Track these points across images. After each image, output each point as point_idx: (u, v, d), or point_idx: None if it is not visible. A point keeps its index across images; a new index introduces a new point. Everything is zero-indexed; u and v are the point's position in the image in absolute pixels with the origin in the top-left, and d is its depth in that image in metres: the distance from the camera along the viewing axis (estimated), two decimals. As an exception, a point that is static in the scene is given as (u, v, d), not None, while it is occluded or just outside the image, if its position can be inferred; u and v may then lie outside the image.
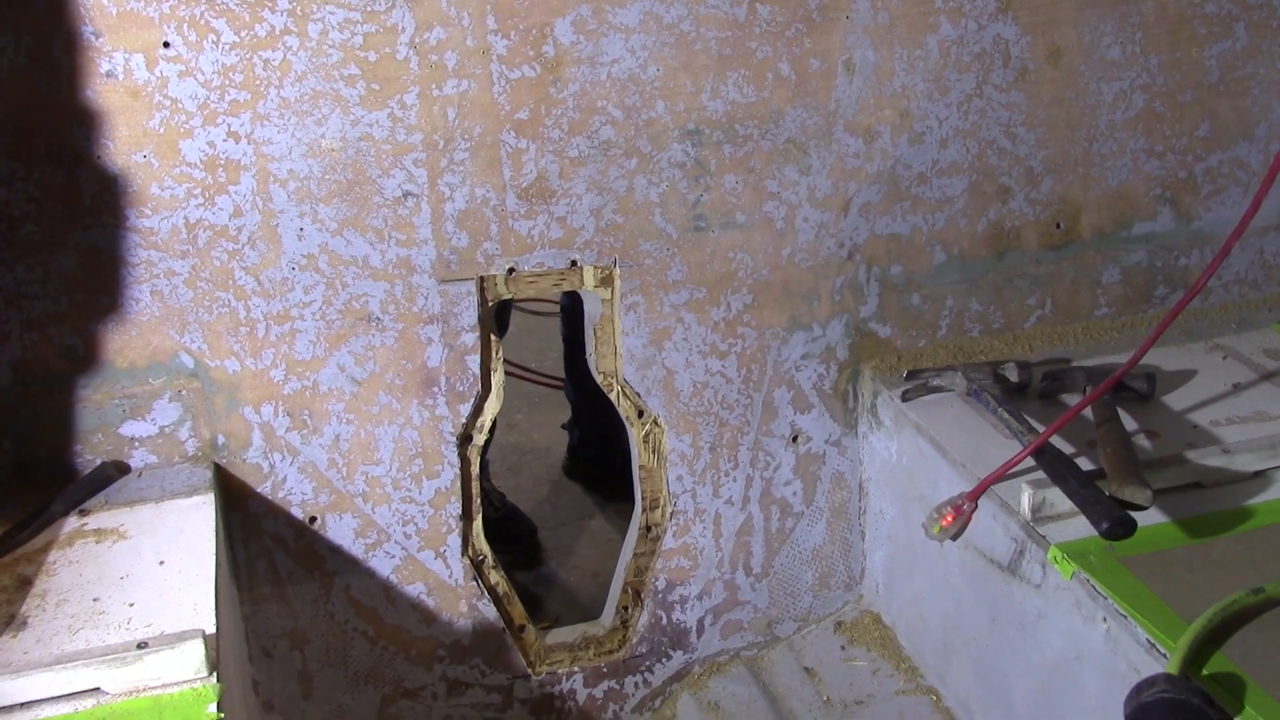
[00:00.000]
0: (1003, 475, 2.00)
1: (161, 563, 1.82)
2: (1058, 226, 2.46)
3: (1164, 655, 1.67)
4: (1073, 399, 2.28)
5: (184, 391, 2.04)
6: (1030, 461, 2.00)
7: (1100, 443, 2.03)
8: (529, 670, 2.34)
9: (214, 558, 1.83)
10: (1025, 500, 1.95)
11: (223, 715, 1.55)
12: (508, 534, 3.27)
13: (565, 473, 3.66)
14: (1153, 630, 1.71)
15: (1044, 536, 1.92)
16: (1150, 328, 2.53)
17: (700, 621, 2.43)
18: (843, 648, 2.43)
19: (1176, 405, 2.26)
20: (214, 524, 1.92)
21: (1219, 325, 2.56)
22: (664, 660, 2.42)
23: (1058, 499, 1.94)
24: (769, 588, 2.46)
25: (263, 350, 2.06)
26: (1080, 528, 1.90)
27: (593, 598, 3.14)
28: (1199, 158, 2.51)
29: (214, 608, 1.72)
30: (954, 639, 2.20)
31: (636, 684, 2.41)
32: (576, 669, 2.37)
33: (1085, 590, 1.82)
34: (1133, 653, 1.73)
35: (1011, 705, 2.04)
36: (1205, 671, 1.65)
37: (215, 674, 1.60)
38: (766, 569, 2.44)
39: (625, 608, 2.39)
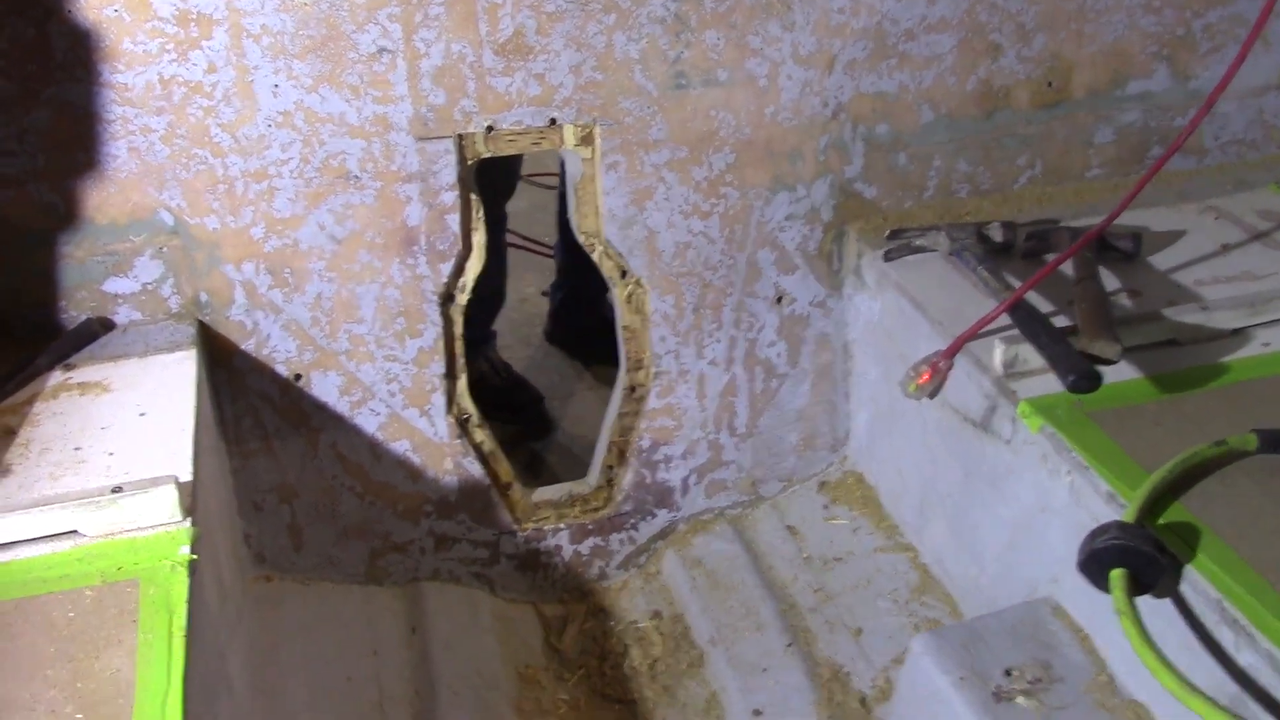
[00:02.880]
0: (977, 332, 2.00)
1: (142, 414, 1.86)
2: (1049, 85, 2.42)
3: (1123, 506, 1.69)
4: (1054, 258, 2.26)
5: (165, 249, 2.06)
6: (1006, 319, 2.00)
7: (1075, 299, 2.02)
8: (515, 526, 2.38)
9: (194, 410, 1.87)
10: (997, 356, 1.95)
11: (195, 557, 1.60)
12: (514, 403, 3.31)
13: (547, 337, 3.68)
14: (1113, 481, 1.72)
15: (1014, 392, 1.93)
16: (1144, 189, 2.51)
17: (685, 481, 2.46)
18: (825, 507, 2.46)
19: (1162, 265, 2.25)
20: (195, 379, 1.95)
21: (1215, 187, 2.52)
22: (649, 518, 2.46)
23: (1030, 355, 1.95)
24: (753, 448, 2.48)
25: (242, 208, 2.07)
26: (1051, 384, 1.90)
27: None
28: (1197, 13, 2.45)
29: (191, 457, 1.76)
30: (930, 496, 2.23)
31: (622, 541, 2.46)
32: (562, 525, 2.41)
33: (1051, 444, 1.84)
34: (1094, 504, 1.75)
35: (982, 559, 2.07)
36: (1162, 521, 1.66)
37: (189, 518, 1.65)
38: (751, 429, 2.47)
39: (610, 466, 2.42)
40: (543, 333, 3.74)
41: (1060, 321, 2.00)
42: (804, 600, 2.28)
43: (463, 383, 2.29)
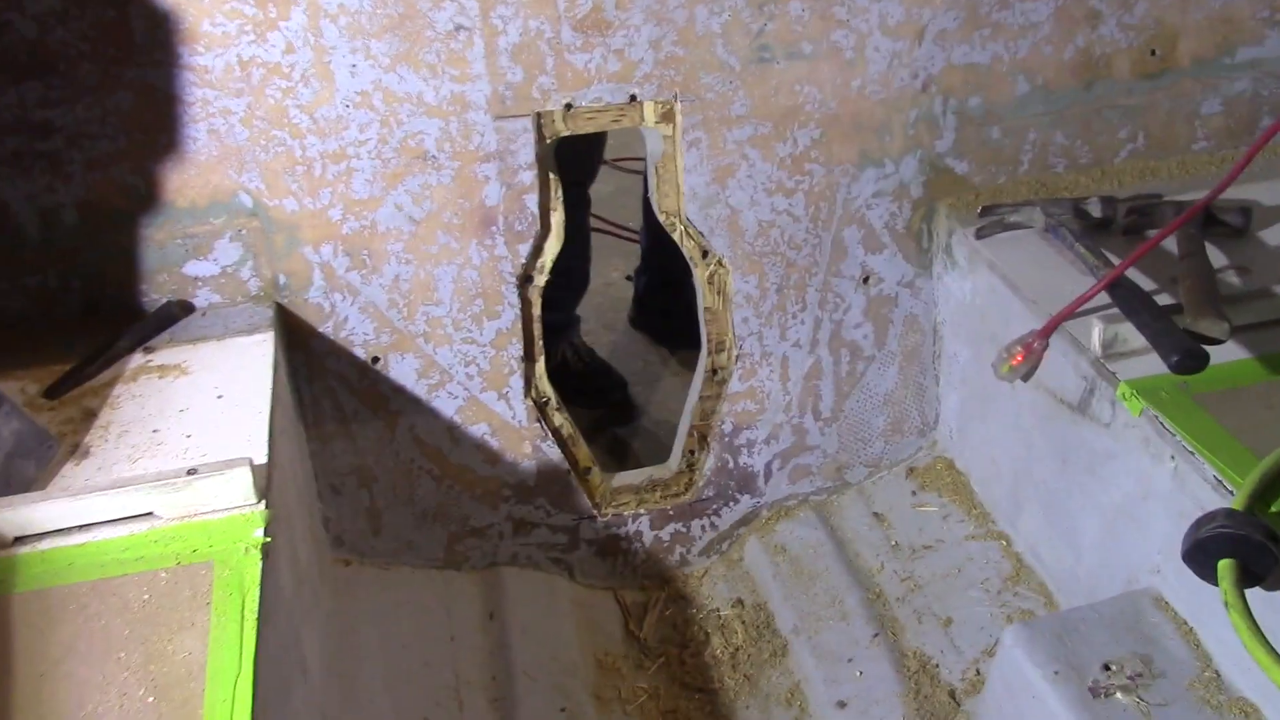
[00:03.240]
0: (1074, 311, 1.91)
1: (220, 397, 1.85)
2: (1153, 53, 2.31)
3: (1231, 493, 1.60)
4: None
5: (244, 231, 2.05)
6: (1105, 298, 1.91)
7: (1180, 276, 1.92)
8: (595, 512, 2.34)
9: (270, 393, 1.86)
10: (1096, 336, 1.87)
11: (269, 539, 1.58)
12: (598, 388, 3.28)
13: (631, 323, 3.64)
14: (1220, 467, 1.63)
15: (1114, 374, 1.84)
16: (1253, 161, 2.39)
17: (768, 466, 2.40)
18: (914, 493, 2.39)
19: (1272, 241, 2.13)
20: (272, 361, 1.94)
21: (1332, 158, 2.39)
22: (731, 504, 2.41)
23: (1130, 334, 1.86)
24: (838, 433, 2.41)
25: (320, 189, 2.05)
26: (1153, 364, 1.81)
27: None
28: (1312, -24, 2.33)
29: (266, 440, 1.75)
30: (1024, 482, 2.14)
31: (703, 527, 2.41)
32: (642, 511, 2.37)
33: (1154, 427, 1.75)
34: (1200, 491, 1.66)
35: (1079, 548, 1.99)
36: (1274, 509, 1.57)
37: (264, 501, 1.64)
38: (836, 413, 2.40)
39: (691, 451, 2.37)
40: (627, 318, 3.70)
41: (1163, 300, 1.90)
42: (891, 589, 2.21)
43: (541, 365, 2.25)
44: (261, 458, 1.71)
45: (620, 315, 3.76)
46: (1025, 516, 2.16)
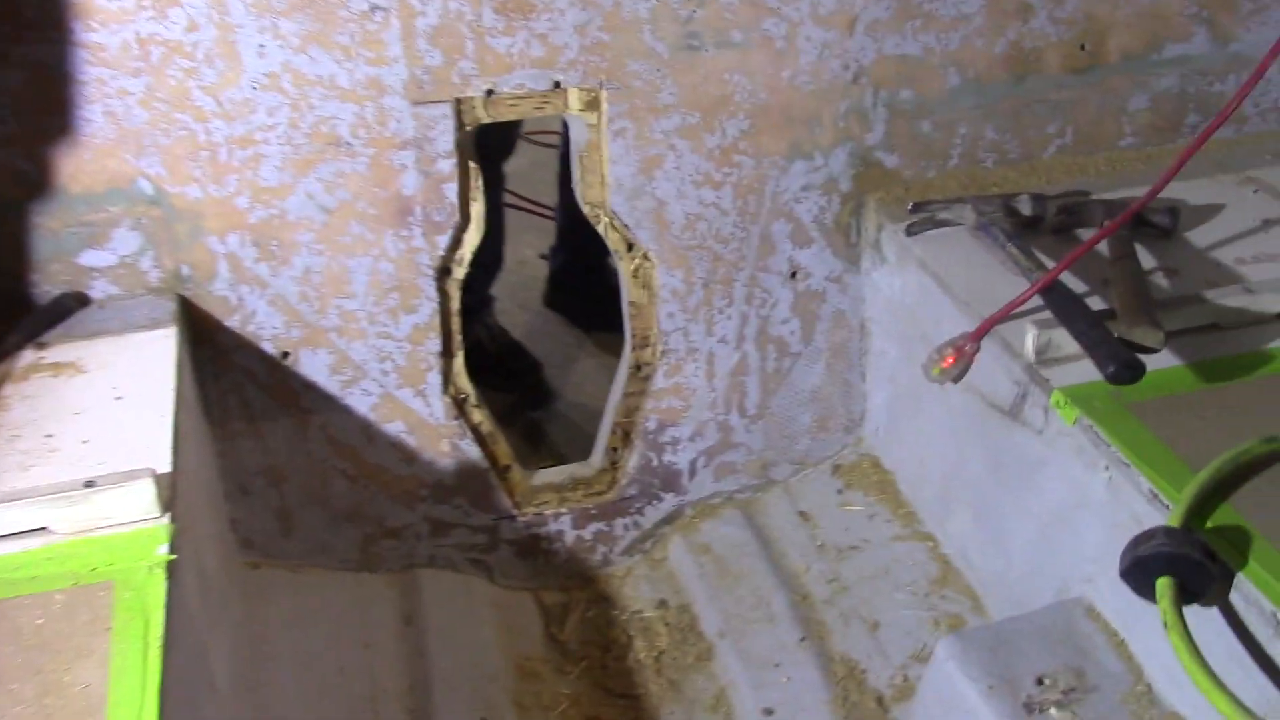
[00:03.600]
0: (1007, 315, 1.89)
1: (119, 398, 1.74)
2: (1082, 48, 2.29)
3: (1167, 506, 1.58)
4: (1090, 234, 2.14)
5: (144, 219, 1.93)
6: (1038, 301, 1.88)
7: (1112, 280, 1.90)
8: (515, 511, 2.27)
9: (174, 393, 1.75)
10: (1029, 341, 1.83)
11: (174, 557, 1.49)
12: (512, 371, 3.20)
13: (545, 303, 3.57)
14: (1156, 480, 1.61)
15: (1047, 380, 1.81)
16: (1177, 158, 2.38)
17: (692, 463, 2.35)
18: (839, 492, 2.35)
19: (1200, 242, 2.12)
20: (176, 358, 1.84)
21: (1253, 157, 2.39)
22: (655, 502, 2.35)
23: (1064, 340, 1.83)
24: (764, 430, 2.37)
25: (226, 176, 1.94)
26: (1087, 371, 1.78)
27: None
28: (1241, -27, 2.32)
29: (170, 445, 1.65)
30: (954, 485, 2.12)
31: (626, 526, 2.35)
32: (564, 510, 2.30)
33: (1088, 437, 1.72)
34: (1135, 503, 1.64)
35: (1009, 553, 1.97)
36: (1210, 524, 1.55)
37: (168, 514, 1.54)
38: (762, 410, 2.35)
39: (614, 449, 2.31)
40: (541, 298, 3.62)
41: (1095, 304, 1.88)
42: (818, 591, 2.17)
43: (459, 361, 2.17)
44: (165, 466, 1.61)
45: (534, 294, 3.68)
46: (954, 519, 2.13)
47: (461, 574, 2.27)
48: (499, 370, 3.16)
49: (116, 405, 1.72)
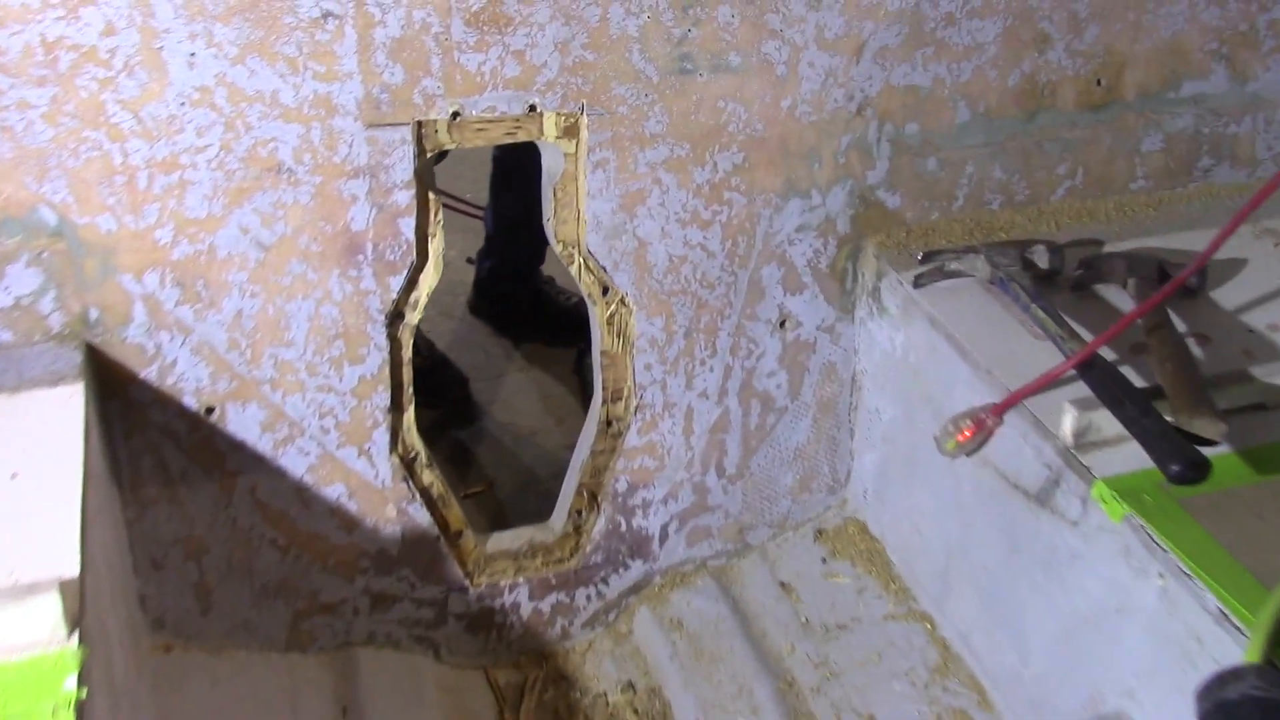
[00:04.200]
0: (1040, 389, 1.69)
1: (14, 475, 1.46)
2: (1099, 83, 2.10)
3: (1238, 629, 1.39)
4: (1110, 290, 1.96)
5: (46, 254, 1.64)
6: (1069, 372, 1.69)
7: (1156, 355, 1.72)
8: (466, 582, 2.02)
9: (81, 469, 1.47)
10: (1068, 423, 1.64)
11: (85, 690, 1.22)
12: (438, 385, 2.94)
13: (471, 309, 3.33)
14: (1224, 596, 1.42)
15: (1088, 468, 1.61)
16: (1188, 204, 2.22)
17: (664, 528, 2.12)
18: (824, 560, 2.15)
19: (1227, 303, 1.95)
20: (84, 422, 1.55)
21: (1271, 205, 2.23)
22: (621, 570, 2.12)
23: (1106, 422, 1.63)
24: (743, 491, 2.15)
25: (145, 205, 1.65)
26: (1130, 457, 1.60)
27: (532, 458, 2.86)
28: (1264, 7, 2.15)
29: (79, 538, 1.38)
30: (958, 563, 1.92)
31: (589, 596, 2.11)
32: (521, 580, 2.06)
33: (1138, 538, 1.53)
34: (1196, 619, 1.45)
35: (1026, 648, 1.78)
36: (1288, 652, 1.37)
37: (77, 632, 1.27)
38: (742, 470, 2.13)
39: (579, 512, 2.07)
40: (466, 304, 3.36)
41: (1125, 369, 1.70)
42: (804, 677, 1.96)
43: (410, 416, 1.91)
44: (72, 568, 1.33)
45: (458, 300, 3.43)
46: (956, 600, 1.94)
47: (405, 652, 2.02)
48: (424, 385, 2.90)
49: (11, 486, 1.44)
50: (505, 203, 3.20)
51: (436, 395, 2.93)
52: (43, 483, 1.45)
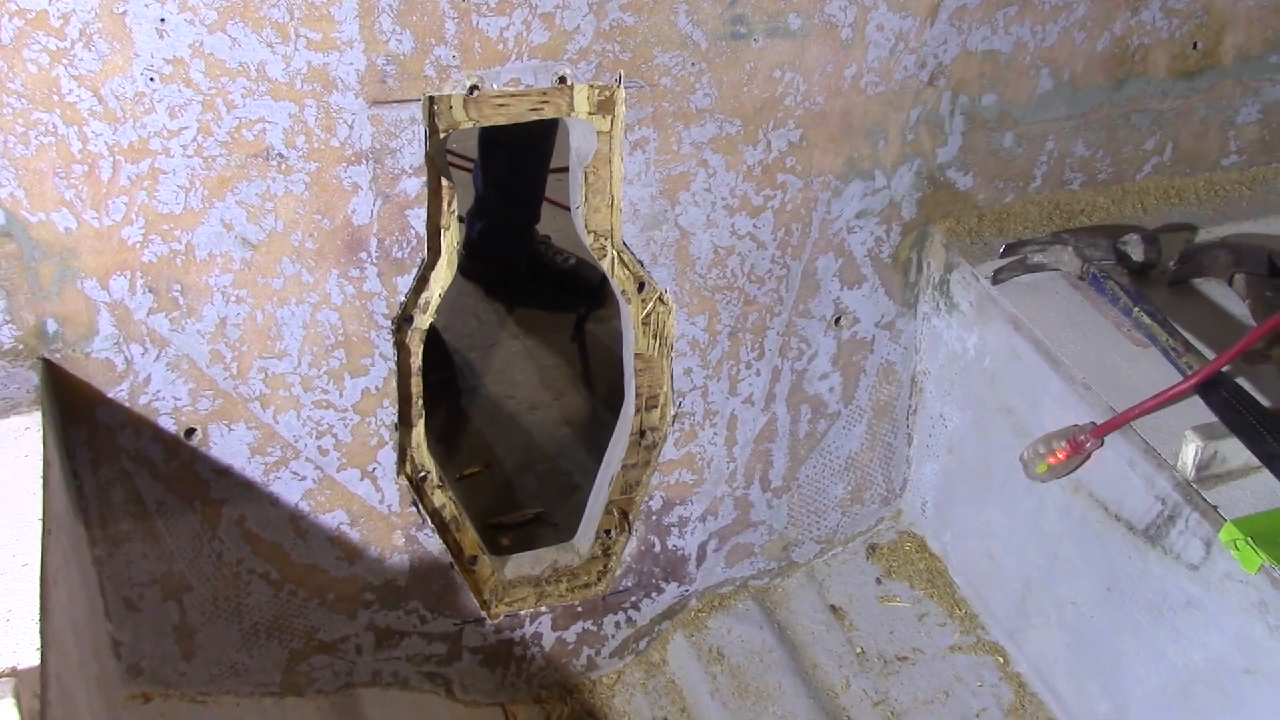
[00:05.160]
0: (1152, 410, 1.47)
1: (-42, 531, 1.22)
2: (1195, 46, 1.86)
3: None
4: (1211, 286, 1.74)
5: (-8, 258, 1.39)
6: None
7: (1284, 370, 1.50)
8: (482, 613, 1.80)
9: (39, 515, 1.24)
10: (1190, 454, 1.42)
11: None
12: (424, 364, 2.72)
13: (460, 272, 3.08)
14: (1395, 672, 1.22)
15: (1214, 507, 1.40)
16: (1282, 184, 1.99)
17: (702, 547, 1.90)
18: (878, 580, 1.93)
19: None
20: (42, 458, 1.31)
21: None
22: (654, 595, 1.90)
23: (1234, 452, 1.42)
24: (789, 505, 1.93)
25: (110, 199, 1.40)
26: (1264, 494, 1.39)
27: (531, 435, 2.65)
28: (1377, -40, 1.91)
29: (38, 608, 1.15)
30: (1040, 595, 1.71)
31: (618, 623, 1.89)
32: (543, 609, 1.84)
33: (1278, 591, 1.32)
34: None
35: (1125, 698, 1.57)
36: None
37: (35, 729, 1.05)
38: (789, 482, 1.91)
39: (608, 532, 1.84)
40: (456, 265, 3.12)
41: (1241, 381, 1.48)
42: (863, 718, 1.75)
43: (420, 431, 1.68)
44: (29, 656, 1.11)
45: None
46: (1036, 634, 1.73)
47: (414, 692, 1.80)
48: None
49: (-46, 546, 1.20)
50: (497, 159, 2.95)
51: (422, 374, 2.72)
52: (-7, 538, 1.22)
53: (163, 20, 1.34)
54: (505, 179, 2.96)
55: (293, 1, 1.38)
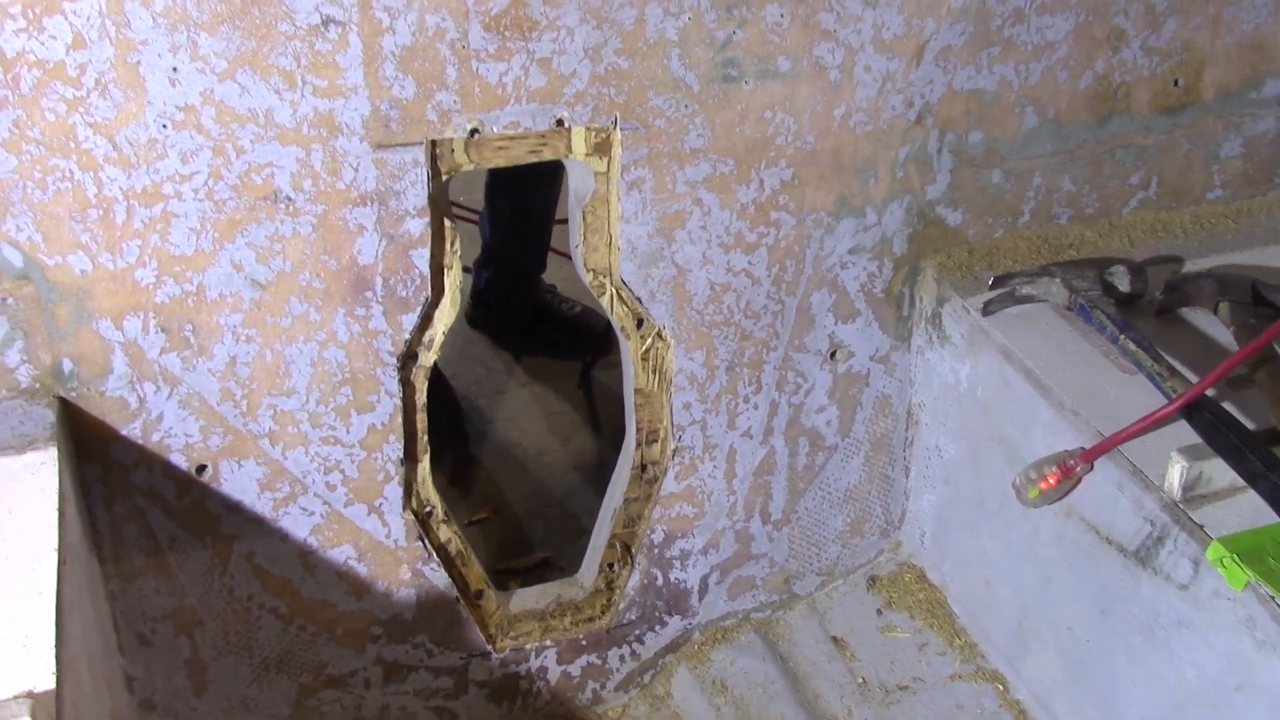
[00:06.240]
0: (1138, 434, 1.51)
1: (-23, 563, 1.26)
2: (1176, 84, 1.91)
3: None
4: (1197, 315, 1.78)
5: (10, 300, 1.43)
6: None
7: (1269, 393, 1.53)
8: (488, 646, 1.83)
9: (56, 553, 1.28)
10: (1176, 475, 1.45)
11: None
12: (430, 411, 2.76)
13: (468, 321, 3.13)
14: (1380, 683, 1.24)
15: (1200, 526, 1.43)
16: (1269, 213, 2.04)
17: (704, 580, 1.93)
18: (879, 611, 1.96)
19: (1330, 327, 1.77)
20: (57, 493, 1.35)
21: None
22: (657, 628, 1.93)
23: (1218, 472, 1.45)
24: (789, 537, 1.96)
25: (124, 242, 1.45)
26: (1249, 512, 1.42)
27: (539, 480, 2.67)
28: (1353, -2, 1.96)
29: (54, 637, 1.18)
30: (1036, 621, 1.73)
31: (622, 657, 1.92)
32: (549, 642, 1.86)
33: (1266, 609, 1.35)
34: (1341, 705, 1.27)
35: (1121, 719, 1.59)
36: None
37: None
38: (788, 515, 1.94)
39: (610, 565, 1.87)
40: (463, 315, 3.17)
41: (1223, 402, 1.51)
42: (866, 747, 1.78)
43: (425, 467, 1.71)
44: (45, 679, 1.14)
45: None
46: (1034, 660, 1.75)
47: (421, 726, 1.83)
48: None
49: (-27, 575, 1.24)
50: (502, 208, 3.00)
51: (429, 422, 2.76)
52: (10, 570, 1.26)
53: (175, 69, 1.40)
54: (511, 228, 3.01)
55: (300, 50, 1.43)
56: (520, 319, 3.11)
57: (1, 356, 1.45)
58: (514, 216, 2.96)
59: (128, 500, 1.57)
